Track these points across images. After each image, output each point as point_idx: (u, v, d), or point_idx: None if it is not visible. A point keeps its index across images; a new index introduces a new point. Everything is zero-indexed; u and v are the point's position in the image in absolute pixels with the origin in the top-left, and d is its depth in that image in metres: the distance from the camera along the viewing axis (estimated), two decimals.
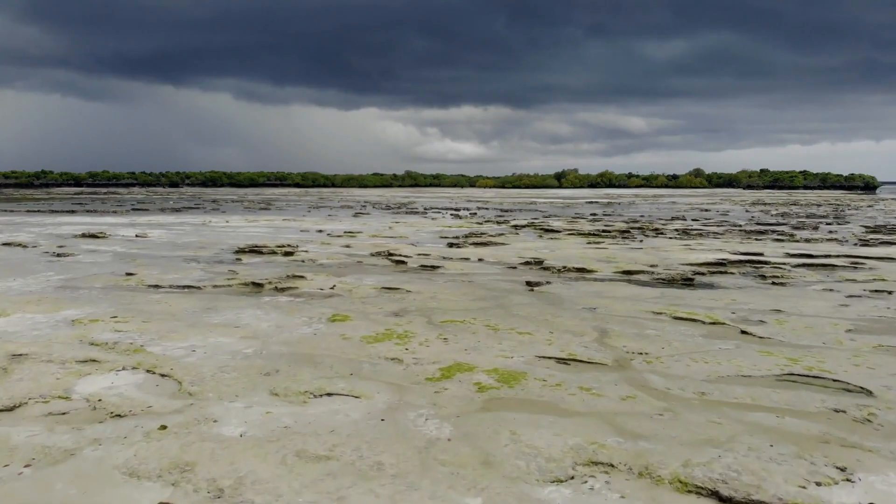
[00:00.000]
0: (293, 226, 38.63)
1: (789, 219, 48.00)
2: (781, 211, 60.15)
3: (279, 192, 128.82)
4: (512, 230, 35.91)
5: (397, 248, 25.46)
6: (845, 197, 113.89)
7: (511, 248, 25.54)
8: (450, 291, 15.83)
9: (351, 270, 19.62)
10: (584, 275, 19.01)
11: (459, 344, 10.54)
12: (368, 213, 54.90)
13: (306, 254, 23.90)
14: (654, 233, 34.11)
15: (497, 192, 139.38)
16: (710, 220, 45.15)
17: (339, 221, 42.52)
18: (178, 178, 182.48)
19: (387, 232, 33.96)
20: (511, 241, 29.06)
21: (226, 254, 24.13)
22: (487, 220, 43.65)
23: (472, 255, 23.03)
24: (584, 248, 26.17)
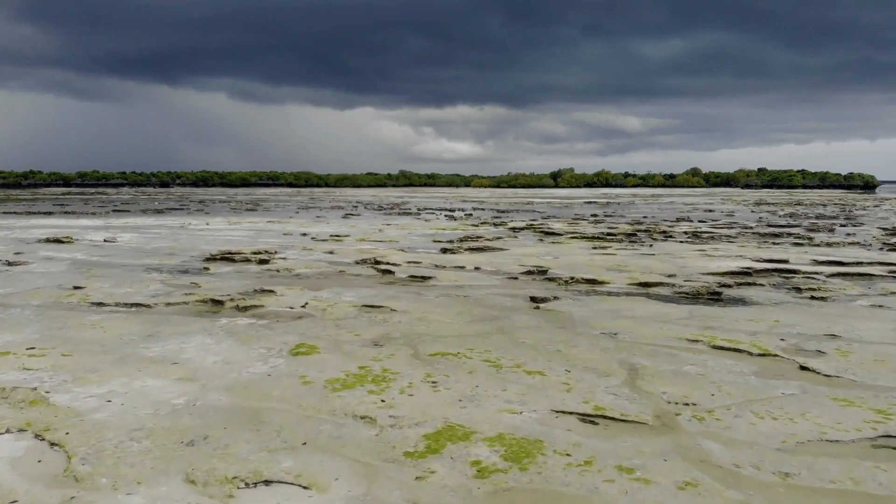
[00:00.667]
0: (276, 228, 36.24)
1: (799, 220, 45.80)
2: (788, 211, 57.99)
3: (270, 193, 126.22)
4: (510, 233, 33.59)
5: (385, 254, 23.12)
6: (847, 196, 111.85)
7: (510, 255, 23.21)
8: (442, 310, 13.49)
9: (330, 282, 17.25)
10: (596, 287, 16.69)
11: (452, 390, 8.20)
12: (359, 214, 52.52)
13: (283, 261, 21.53)
14: (663, 236, 31.82)
15: (493, 192, 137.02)
16: (717, 222, 42.91)
17: (327, 224, 40.14)
18: (169, 177, 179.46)
19: (376, 235, 31.61)
20: (510, 245, 26.74)
21: (194, 262, 21.75)
22: (483, 222, 41.34)
23: (467, 263, 20.70)
24: (589, 253, 23.86)
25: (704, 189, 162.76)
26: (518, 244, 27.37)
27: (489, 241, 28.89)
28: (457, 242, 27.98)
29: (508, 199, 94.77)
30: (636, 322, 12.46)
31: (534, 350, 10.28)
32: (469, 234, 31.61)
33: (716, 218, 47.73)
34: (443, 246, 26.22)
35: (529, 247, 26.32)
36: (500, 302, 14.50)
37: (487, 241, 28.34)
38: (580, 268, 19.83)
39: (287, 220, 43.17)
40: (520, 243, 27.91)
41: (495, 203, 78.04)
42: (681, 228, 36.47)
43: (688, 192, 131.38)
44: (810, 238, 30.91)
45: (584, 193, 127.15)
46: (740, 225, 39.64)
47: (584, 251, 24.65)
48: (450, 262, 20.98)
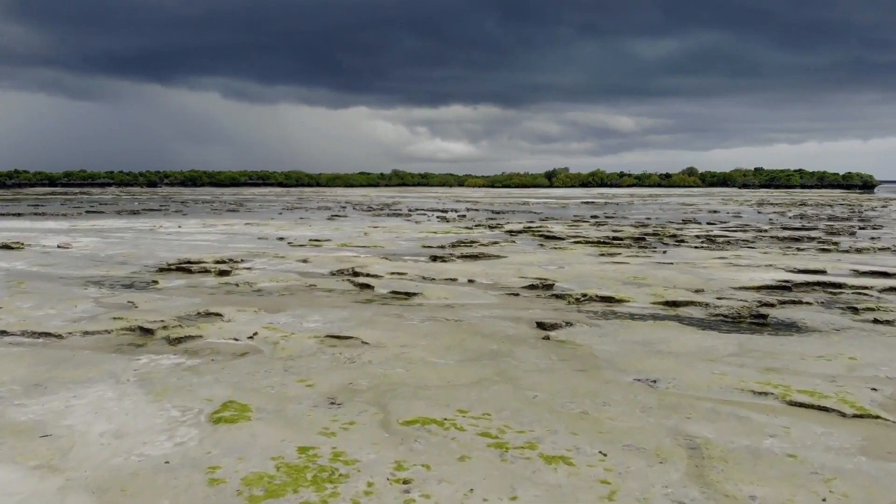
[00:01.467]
0: (253, 232, 33.35)
1: (812, 222, 43.16)
2: (796, 213, 55.39)
3: (259, 192, 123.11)
4: (507, 237, 30.80)
5: (366, 263, 20.29)
6: (849, 197, 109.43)
7: (509, 263, 20.41)
8: (427, 342, 10.67)
9: (294, 301, 14.42)
10: (614, 307, 13.91)
11: (434, 500, 5.37)
12: (346, 215, 49.64)
13: (247, 273, 18.68)
14: (674, 241, 29.10)
15: (487, 192, 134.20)
16: (727, 225, 40.21)
17: (309, 226, 37.26)
18: (157, 177, 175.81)
19: (360, 240, 28.77)
20: (508, 251, 23.95)
21: (145, 273, 18.89)
22: (478, 225, 38.53)
23: (460, 274, 17.88)
24: (598, 261, 21.08)
25: (702, 189, 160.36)
26: (517, 250, 24.56)
27: (484, 246, 26.09)
28: (449, 248, 25.17)
29: (503, 199, 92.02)
30: (677, 361, 9.66)
31: (550, 412, 7.46)
32: (462, 239, 28.80)
33: (723, 220, 45.06)
34: (433, 253, 23.40)
35: (530, 253, 23.53)
36: (500, 329, 11.69)
37: (483, 247, 25.54)
38: (591, 280, 17.04)
39: (267, 223, 40.26)
40: (518, 249, 25.11)
41: (490, 203, 75.28)
42: (691, 232, 33.74)
43: (686, 193, 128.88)
44: (835, 243, 28.23)
45: (580, 193, 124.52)
46: (753, 228, 36.94)
47: (591, 259, 21.87)
48: (440, 274, 18.16)
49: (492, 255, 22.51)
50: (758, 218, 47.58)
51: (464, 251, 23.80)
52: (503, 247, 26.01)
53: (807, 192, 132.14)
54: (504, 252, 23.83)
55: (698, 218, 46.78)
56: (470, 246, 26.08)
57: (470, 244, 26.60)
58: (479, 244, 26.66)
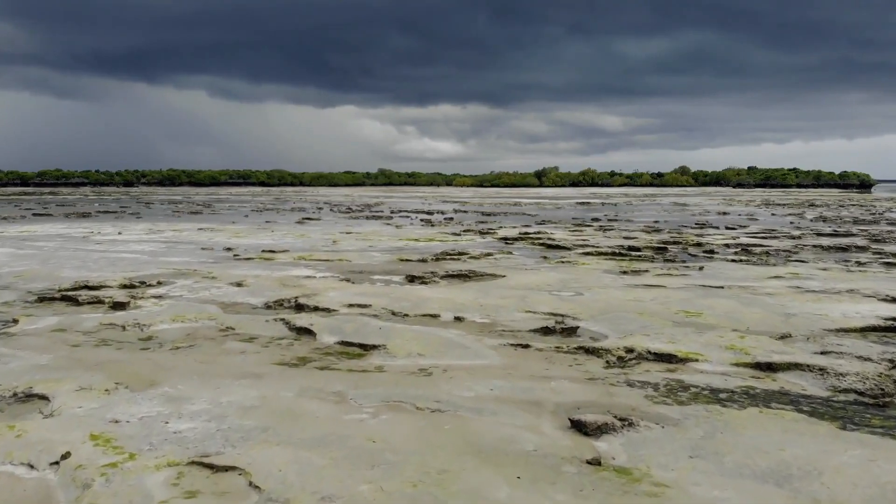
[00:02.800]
0: (201, 239, 28.24)
1: (842, 225, 38.52)
2: (813, 215, 50.81)
3: (237, 192, 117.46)
4: (502, 246, 25.88)
5: (319, 288, 15.31)
6: (854, 196, 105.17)
7: (509, 288, 15.50)
8: (372, 487, 5.71)
9: (187, 362, 9.42)
10: (680, 373, 9.02)
11: None
12: (319, 218, 44.51)
13: (154, 304, 13.67)
14: (702, 251, 24.30)
15: (475, 192, 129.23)
16: (750, 229, 35.48)
17: (271, 232, 32.16)
18: (134, 176, 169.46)
19: (324, 250, 23.78)
20: (505, 267, 19.05)
21: (18, 304, 13.88)
22: (467, 230, 33.55)
23: (443, 307, 12.94)
24: (624, 283, 16.20)
25: (697, 188, 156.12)
26: (516, 265, 19.64)
27: (475, 259, 21.16)
28: (431, 263, 20.23)
29: (492, 199, 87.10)
30: None
31: None
32: (448, 250, 23.81)
33: (740, 223, 40.35)
34: (411, 270, 18.43)
35: (533, 270, 18.61)
36: (508, 436, 6.75)
37: (473, 261, 20.61)
38: (628, 318, 12.14)
39: (224, 228, 35.10)
40: (518, 263, 20.19)
41: (479, 204, 70.36)
42: (715, 239, 28.93)
43: (681, 192, 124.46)
44: (893, 254, 23.54)
45: (572, 193, 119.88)
46: (782, 233, 32.20)
47: (613, 279, 16.97)
48: (416, 305, 13.20)
49: (485, 274, 17.57)
50: (777, 221, 42.92)
51: (450, 268, 18.86)
52: (498, 260, 21.08)
53: (806, 192, 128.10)
54: (500, 268, 18.90)
55: (711, 221, 42.06)
56: (458, 259, 21.13)
57: (457, 257, 21.64)
58: (468, 257, 21.70)
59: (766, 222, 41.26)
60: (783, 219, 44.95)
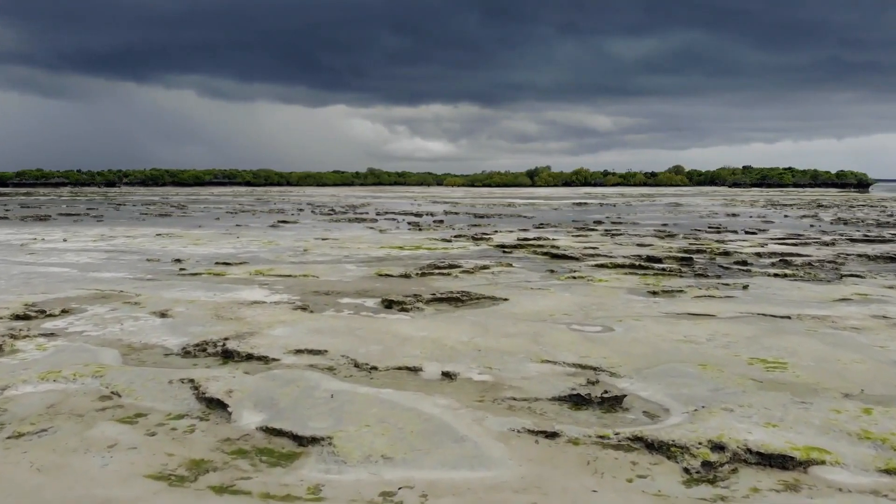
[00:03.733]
0: (153, 248, 24.52)
1: (869, 229, 35.14)
2: (829, 216, 47.47)
3: (219, 192, 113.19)
4: (500, 255, 22.29)
5: (264, 322, 11.67)
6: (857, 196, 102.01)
7: (515, 318, 11.91)
8: None
9: (9, 467, 5.75)
10: (812, 498, 5.42)
11: None
12: (296, 220, 40.75)
13: (39, 346, 10.07)
14: (731, 261, 20.80)
15: (467, 192, 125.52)
16: (774, 234, 32.04)
17: (236, 238, 28.43)
18: (116, 176, 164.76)
19: (289, 262, 20.13)
20: (505, 286, 15.48)
21: None
22: (458, 235, 29.91)
23: (426, 353, 9.36)
24: (660, 312, 12.64)
25: (692, 188, 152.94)
26: (519, 282, 16.03)
27: (470, 275, 17.55)
28: (415, 280, 16.62)
29: (485, 199, 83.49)
30: None
31: None
32: (437, 262, 20.18)
33: (758, 226, 36.91)
34: (388, 291, 14.80)
35: (541, 292, 15.00)
36: None
37: (467, 277, 16.99)
38: (685, 372, 8.57)
39: (186, 233, 31.33)
40: (521, 280, 16.59)
41: (471, 205, 66.75)
42: (742, 246, 25.43)
43: (679, 192, 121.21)
44: None
45: (566, 193, 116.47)
46: (813, 239, 28.75)
47: (646, 305, 13.40)
48: (389, 351, 9.58)
49: (482, 297, 13.95)
50: (794, 224, 39.53)
51: (438, 286, 15.26)
52: (496, 276, 17.46)
53: (805, 192, 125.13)
54: (500, 287, 15.30)
55: (724, 223, 38.61)
56: (448, 274, 17.50)
57: (448, 271, 18.01)
58: (460, 270, 18.08)
59: (784, 225, 37.85)
60: (799, 221, 41.56)
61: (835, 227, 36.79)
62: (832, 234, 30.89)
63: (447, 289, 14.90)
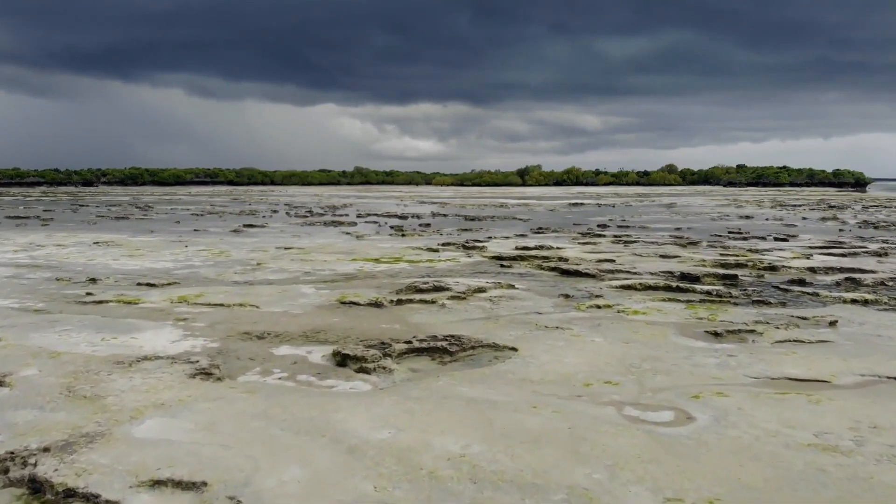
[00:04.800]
0: (78, 260, 20.22)
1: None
2: (853, 219, 43.60)
3: (197, 191, 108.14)
4: (497, 271, 18.12)
5: (128, 405, 7.43)
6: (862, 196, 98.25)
7: (529, 390, 7.77)
8: None
9: None
10: None
11: None
12: (265, 224, 36.38)
13: None
14: (783, 279, 16.74)
15: (456, 191, 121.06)
16: (806, 241, 28.05)
17: (184, 247, 24.08)
18: (93, 175, 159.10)
19: (230, 282, 15.88)
20: (509, 323, 11.35)
21: None
22: (447, 243, 25.67)
23: (388, 491, 5.14)
24: (746, 377, 8.53)
25: (688, 187, 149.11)
26: (528, 319, 11.83)
27: (461, 302, 13.35)
28: (388, 310, 12.41)
29: (475, 199, 79.26)
30: None
31: None
32: (419, 280, 15.93)
33: (785, 231, 32.96)
34: (347, 332, 10.60)
35: (561, 334, 10.82)
36: None
37: (457, 307, 12.79)
38: None
39: (129, 241, 26.93)
40: (529, 312, 12.42)
41: (460, 205, 62.53)
42: (785, 258, 21.37)
43: (676, 192, 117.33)
44: None
45: (559, 192, 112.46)
46: (859, 247, 24.75)
47: (719, 362, 9.27)
48: (320, 480, 5.36)
49: (480, 346, 9.75)
50: (821, 228, 35.62)
51: (418, 323, 11.09)
52: (496, 304, 13.26)
53: (804, 191, 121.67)
54: (503, 325, 11.13)
55: (744, 228, 34.63)
56: (432, 302, 13.29)
57: (432, 296, 13.80)
58: (448, 295, 13.87)
59: (811, 229, 33.91)
60: (824, 225, 37.64)
61: (864, 230, 32.92)
62: (873, 241, 26.92)
63: (430, 329, 10.73)
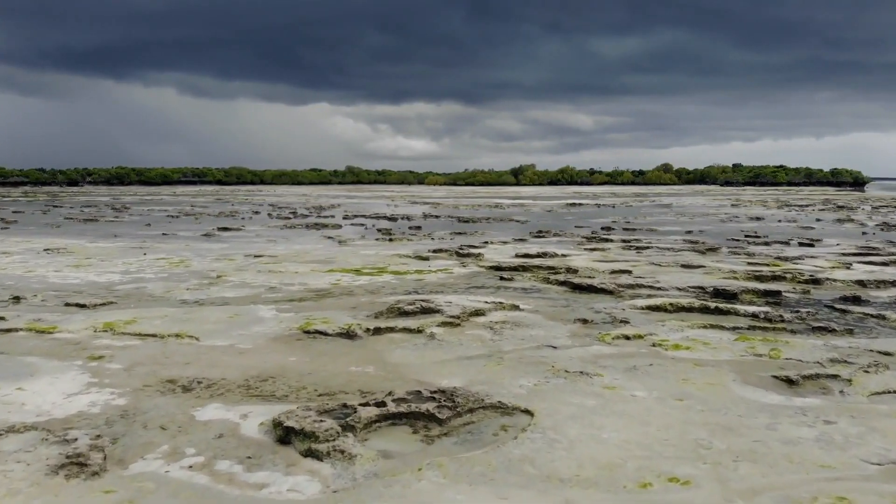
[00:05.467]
0: (12, 275, 17.48)
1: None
2: (869, 220, 41.17)
3: (182, 191, 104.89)
4: (496, 284, 15.49)
5: None
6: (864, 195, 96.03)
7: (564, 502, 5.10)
8: None
9: None
10: None
11: None
12: (241, 227, 33.65)
13: None
14: (831, 295, 14.17)
15: (449, 191, 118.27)
16: (834, 246, 25.53)
17: (143, 255, 21.34)
18: (79, 175, 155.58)
19: (178, 301, 13.21)
20: (518, 363, 8.77)
21: None
22: (439, 249, 23.00)
23: None
24: (879, 477, 5.89)
25: (685, 187, 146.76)
26: (542, 356, 9.20)
27: (454, 327, 10.71)
28: (362, 342, 9.75)
29: (469, 199, 76.60)
30: None
31: None
32: (405, 298, 13.25)
33: (806, 235, 30.48)
34: (301, 382, 7.97)
35: (588, 383, 8.20)
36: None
37: (451, 338, 10.14)
38: None
39: (85, 247, 24.15)
40: (542, 345, 9.81)
41: (454, 206, 59.89)
42: (823, 269, 18.81)
43: (673, 191, 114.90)
44: None
45: (554, 192, 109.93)
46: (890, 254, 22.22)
47: (822, 443, 6.64)
48: None
49: (482, 408, 7.08)
50: (841, 231, 33.16)
51: (397, 365, 8.47)
52: (499, 333, 10.61)
53: (804, 190, 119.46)
54: (510, 367, 8.52)
55: (759, 231, 32.13)
56: (418, 331, 10.62)
57: (419, 322, 11.14)
58: (439, 321, 11.21)
59: (831, 232, 31.43)
60: (842, 227, 35.18)
61: (889, 234, 30.48)
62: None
63: (413, 373, 8.10)
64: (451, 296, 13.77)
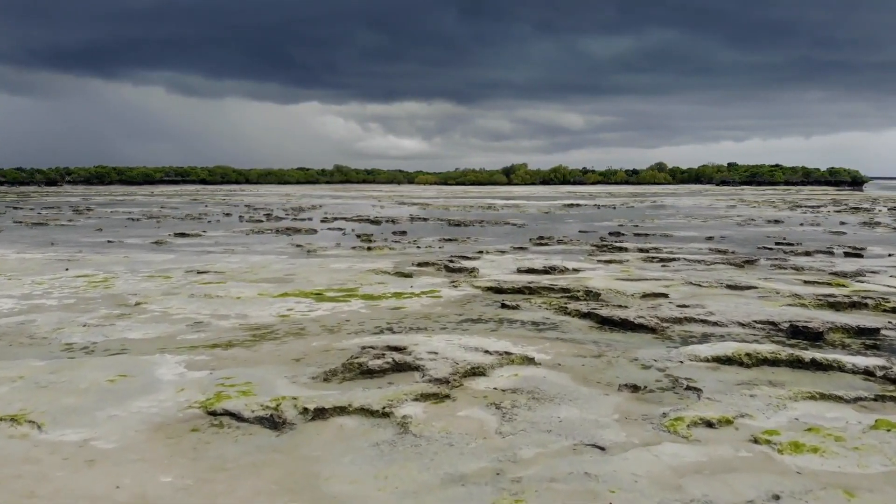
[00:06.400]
0: None
1: None
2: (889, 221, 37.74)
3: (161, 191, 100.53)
4: (498, 316, 11.82)
5: None
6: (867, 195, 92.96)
7: None
8: None
9: None
10: None
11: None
12: (202, 232, 29.78)
13: None
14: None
15: (439, 191, 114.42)
16: (880, 254, 22.01)
17: (64, 270, 17.49)
18: (58, 174, 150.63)
19: (60, 346, 9.48)
20: (557, 494, 5.09)
21: None
22: (425, 262, 19.25)
23: None
24: None
25: (681, 186, 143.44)
26: (590, 479, 5.56)
27: (440, 403, 7.13)
28: (291, 436, 6.04)
29: (459, 199, 72.86)
30: None
31: None
32: (372, 343, 9.52)
33: (843, 241, 26.98)
34: None
35: None
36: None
37: (433, 427, 6.48)
38: None
39: (9, 259, 20.32)
40: (586, 442, 6.18)
41: (444, 207, 56.15)
42: (883, 289, 15.23)
43: (671, 191, 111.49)
44: None
45: (548, 192, 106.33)
46: None
47: None
48: None
49: None
50: (874, 236, 29.71)
51: (341, 496, 4.74)
52: (512, 421, 6.93)
53: (804, 189, 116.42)
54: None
55: (785, 236, 28.61)
56: (382, 414, 6.92)
57: (386, 393, 7.44)
58: (420, 384, 7.51)
59: (866, 238, 27.95)
60: (874, 232, 31.72)
61: None
62: None
63: None
64: (437, 337, 10.07)
